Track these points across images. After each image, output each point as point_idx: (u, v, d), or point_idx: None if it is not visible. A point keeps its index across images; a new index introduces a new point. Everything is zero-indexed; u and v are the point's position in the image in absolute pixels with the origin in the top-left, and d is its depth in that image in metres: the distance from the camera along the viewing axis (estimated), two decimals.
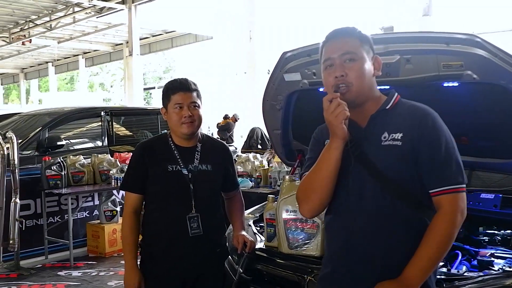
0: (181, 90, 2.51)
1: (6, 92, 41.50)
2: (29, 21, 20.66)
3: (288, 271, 2.51)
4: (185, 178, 2.52)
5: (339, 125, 1.78)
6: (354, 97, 1.83)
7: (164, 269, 2.53)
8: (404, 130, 1.80)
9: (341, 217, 1.91)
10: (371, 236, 1.82)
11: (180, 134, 2.55)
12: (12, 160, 5.34)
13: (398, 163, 1.79)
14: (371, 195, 1.81)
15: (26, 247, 5.78)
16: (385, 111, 1.87)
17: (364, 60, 1.85)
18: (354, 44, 1.86)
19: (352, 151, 1.82)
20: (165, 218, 2.53)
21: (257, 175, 5.94)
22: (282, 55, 2.92)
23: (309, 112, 3.31)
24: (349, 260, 1.89)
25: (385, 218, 1.80)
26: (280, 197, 2.59)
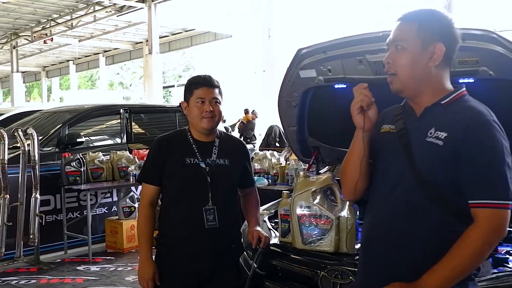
0: (204, 85, 2.56)
1: (28, 90, 42.11)
2: (51, 19, 20.94)
3: (302, 266, 2.53)
4: (203, 171, 2.54)
5: (355, 115, 1.80)
6: (400, 87, 1.77)
7: (179, 262, 2.55)
8: (450, 130, 1.67)
9: (373, 206, 1.89)
10: (393, 232, 1.76)
11: (200, 129, 2.58)
12: (33, 156, 5.43)
13: (436, 163, 1.68)
14: (404, 189, 1.74)
15: (46, 242, 5.87)
16: (440, 106, 1.75)
17: (415, 49, 1.73)
18: (409, 30, 1.75)
19: (400, 140, 1.78)
20: (181, 210, 2.55)
21: (274, 172, 5.95)
22: (297, 52, 2.93)
23: (325, 109, 3.34)
24: (366, 254, 1.88)
25: (412, 217, 1.72)
26: (294, 193, 2.60)
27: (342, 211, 2.51)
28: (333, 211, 2.52)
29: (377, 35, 2.64)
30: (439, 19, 1.76)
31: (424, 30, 1.73)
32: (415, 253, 1.71)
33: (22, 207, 5.38)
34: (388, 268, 1.77)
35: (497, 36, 2.24)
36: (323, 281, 2.36)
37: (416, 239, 1.72)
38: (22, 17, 20.85)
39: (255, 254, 2.75)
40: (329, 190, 2.59)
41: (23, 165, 5.43)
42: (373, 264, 1.84)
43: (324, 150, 3.45)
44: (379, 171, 1.86)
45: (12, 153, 5.54)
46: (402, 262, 1.74)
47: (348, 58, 2.78)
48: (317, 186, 2.56)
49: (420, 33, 1.73)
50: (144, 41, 24.08)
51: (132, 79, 39.92)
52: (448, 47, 1.74)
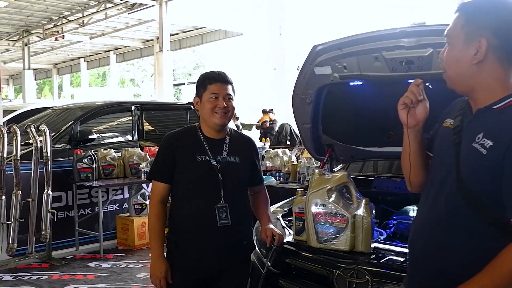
0: (218, 81, 2.54)
1: (39, 87, 42.35)
2: (62, 17, 21.03)
3: (316, 265, 2.51)
4: (214, 168, 2.52)
5: (398, 110, 1.78)
6: (450, 84, 1.70)
7: (191, 259, 2.53)
8: (496, 139, 1.54)
9: (422, 205, 1.83)
10: (431, 235, 1.70)
11: (212, 124, 2.55)
12: (45, 152, 5.44)
13: (477, 171, 1.58)
14: (447, 193, 1.65)
15: (57, 238, 5.88)
16: (491, 110, 1.61)
17: (458, 45, 1.63)
18: (456, 24, 1.64)
19: (454, 137, 1.69)
20: (193, 207, 2.53)
21: (286, 170, 5.93)
22: (312, 48, 2.89)
23: (340, 106, 3.31)
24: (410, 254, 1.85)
25: (451, 222, 1.63)
26: (310, 191, 2.58)
27: (357, 210, 2.48)
28: (348, 210, 2.49)
29: (394, 32, 2.61)
30: (493, 10, 1.60)
31: (470, 24, 1.61)
32: (451, 261, 1.63)
33: (34, 203, 5.39)
34: (427, 271, 1.72)
35: None
36: (338, 280, 2.33)
37: (453, 247, 1.64)
38: (34, 15, 20.95)
39: (269, 252, 2.74)
40: (345, 188, 2.57)
41: (36, 161, 5.44)
42: (415, 265, 1.80)
43: (338, 148, 3.42)
44: (433, 167, 1.80)
45: (24, 150, 5.56)
46: (438, 268, 1.67)
47: (364, 55, 2.75)
48: (332, 184, 2.54)
49: (464, 28, 1.62)
50: (155, 38, 24.14)
51: (143, 77, 40.03)
52: (503, 40, 1.58)
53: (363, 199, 2.51)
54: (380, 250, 2.49)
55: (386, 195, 3.25)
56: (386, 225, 3.04)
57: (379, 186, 3.36)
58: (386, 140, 3.17)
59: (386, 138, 3.15)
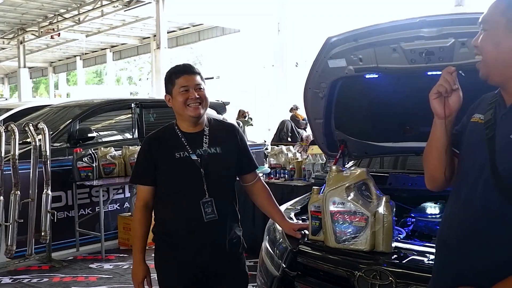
0: (185, 72, 2.49)
1: (35, 86, 42.10)
2: (58, 14, 20.87)
3: (336, 266, 2.39)
4: (195, 163, 2.46)
5: (431, 99, 1.68)
6: (485, 72, 1.62)
7: (183, 256, 2.48)
8: None
9: (452, 204, 1.74)
10: (467, 235, 1.60)
11: (187, 117, 2.48)
12: (44, 151, 5.31)
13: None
14: (483, 189, 1.58)
15: (57, 239, 5.78)
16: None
17: (497, 30, 1.57)
18: (496, 10, 1.59)
19: (486, 132, 1.62)
20: (178, 205, 2.48)
21: (291, 167, 5.80)
22: (326, 40, 2.77)
23: (353, 100, 3.19)
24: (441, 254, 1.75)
25: (490, 220, 1.55)
26: (327, 189, 2.46)
27: (378, 208, 2.36)
28: (368, 208, 2.37)
29: (413, 21, 2.50)
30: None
31: (511, 9, 1.55)
32: (494, 259, 1.54)
33: (33, 204, 5.27)
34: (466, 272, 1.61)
35: None
36: (360, 282, 2.22)
37: (492, 245, 1.55)
38: (29, 12, 20.78)
39: (283, 254, 2.62)
40: (364, 185, 2.44)
41: (34, 160, 5.31)
42: (449, 267, 1.68)
43: (351, 143, 3.30)
44: (462, 164, 1.72)
45: (22, 149, 5.43)
46: (477, 268, 1.57)
47: (381, 46, 2.63)
48: (351, 181, 2.41)
49: (506, 13, 1.56)
50: (152, 36, 24.00)
51: (140, 75, 39.85)
52: None
53: (384, 196, 2.39)
54: (401, 250, 2.37)
55: (401, 192, 3.13)
56: (404, 223, 2.93)
57: (394, 182, 3.23)
58: (402, 135, 3.06)
59: (402, 132, 3.04)
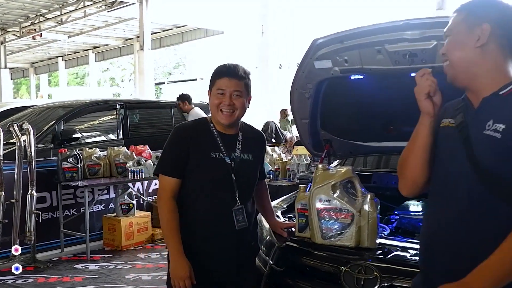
0: (227, 75, 2.35)
1: (16, 87, 41.61)
2: (40, 15, 20.68)
3: (322, 262, 2.45)
4: (228, 167, 2.36)
5: (422, 100, 1.75)
6: (452, 73, 1.73)
7: (206, 262, 2.38)
8: (508, 121, 1.58)
9: (434, 203, 1.81)
10: (456, 230, 1.67)
11: (218, 122, 2.40)
12: (29, 152, 5.30)
13: (495, 157, 1.59)
14: (466, 185, 1.65)
15: (42, 240, 5.75)
16: (498, 96, 1.65)
17: (458, 34, 1.71)
18: (456, 19, 1.73)
19: (460, 134, 1.71)
20: (208, 209, 2.37)
21: (276, 167, 5.88)
22: (313, 42, 2.84)
23: (339, 101, 3.26)
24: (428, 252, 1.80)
25: (477, 214, 1.63)
26: (314, 186, 2.53)
27: (363, 205, 2.44)
28: (353, 205, 2.45)
29: (397, 24, 2.58)
30: (493, 4, 1.71)
31: (471, 16, 1.70)
32: (482, 252, 1.59)
33: (18, 204, 5.24)
34: (451, 268, 1.68)
35: None
36: (346, 277, 2.28)
37: (483, 238, 1.62)
38: (10, 12, 20.56)
39: (271, 250, 2.68)
40: (349, 183, 2.52)
41: (19, 161, 5.29)
42: (435, 263, 1.75)
43: (336, 143, 3.38)
44: (440, 167, 1.78)
45: (7, 149, 5.41)
46: (467, 263, 1.62)
47: (366, 48, 2.70)
48: (337, 179, 2.49)
49: (466, 19, 1.71)
50: (135, 37, 23.89)
51: (122, 76, 39.62)
52: (503, 29, 1.67)
53: (368, 194, 2.47)
54: (385, 246, 2.45)
55: (385, 190, 3.21)
56: (388, 221, 3.01)
57: (378, 181, 3.32)
58: (386, 135, 3.14)
59: (386, 132, 3.12)
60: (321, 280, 2.42)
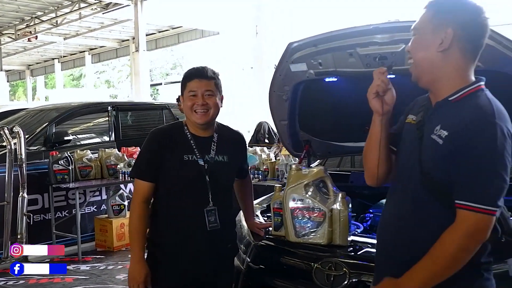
0: (196, 76, 2.42)
1: (12, 89, 41.63)
2: (35, 17, 20.68)
3: (295, 259, 2.53)
4: (201, 169, 2.42)
5: (370, 99, 1.83)
6: (416, 73, 1.78)
7: (179, 264, 2.44)
8: (451, 130, 1.64)
9: (388, 198, 1.92)
10: (401, 226, 1.77)
11: (193, 123, 2.46)
12: (20, 154, 5.37)
13: (436, 161, 1.67)
14: (414, 187, 1.74)
15: (34, 242, 5.77)
16: (449, 102, 1.72)
17: (424, 34, 1.73)
18: (425, 18, 1.75)
19: (417, 132, 1.78)
20: (181, 210, 2.43)
21: (264, 168, 5.96)
22: (288, 46, 2.91)
23: (316, 102, 3.34)
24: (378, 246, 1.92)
25: (419, 213, 1.72)
26: (287, 186, 2.60)
27: (334, 204, 2.52)
28: (326, 204, 2.52)
29: (368, 28, 2.64)
30: (460, 7, 1.72)
31: (438, 17, 1.71)
32: (421, 250, 1.68)
33: (9, 207, 5.32)
34: (395, 262, 1.78)
35: None
36: (317, 273, 2.36)
37: (422, 236, 1.70)
38: (5, 15, 20.55)
39: (248, 249, 2.75)
40: (322, 182, 2.60)
41: (10, 164, 5.37)
42: (383, 257, 1.86)
43: (315, 143, 3.45)
44: (399, 161, 1.88)
45: None
46: (408, 258, 1.72)
47: (339, 51, 2.77)
48: (309, 179, 2.57)
49: (433, 20, 1.72)
50: (131, 38, 23.88)
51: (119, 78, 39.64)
52: (465, 35, 1.70)
53: (340, 193, 2.54)
54: (357, 243, 2.53)
55: (362, 189, 3.29)
56: (363, 219, 3.09)
57: (356, 180, 3.40)
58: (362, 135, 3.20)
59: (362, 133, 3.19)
60: (295, 277, 2.50)
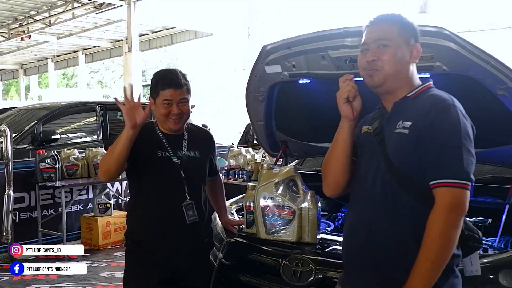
0: (171, 86, 2.45)
1: (5, 89, 41.51)
2: (28, 16, 20.65)
3: (265, 256, 2.60)
4: (175, 165, 2.51)
5: (341, 104, 1.91)
6: (382, 80, 1.86)
7: (157, 258, 2.50)
8: (414, 118, 1.77)
9: (354, 202, 1.96)
10: (372, 225, 1.82)
11: (167, 129, 2.54)
12: (6, 153, 5.41)
13: (403, 152, 1.77)
14: (381, 183, 1.81)
15: (20, 240, 5.81)
16: (407, 99, 1.86)
17: (398, 47, 1.85)
18: (391, 30, 1.87)
19: (376, 137, 1.88)
20: (159, 206, 2.50)
21: (249, 168, 6.02)
22: (263, 48, 2.98)
23: (291, 104, 3.41)
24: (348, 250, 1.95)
25: (391, 208, 1.78)
26: (258, 185, 2.67)
27: (304, 202, 2.59)
28: (295, 202, 2.59)
29: (339, 32, 2.70)
30: (410, 22, 1.92)
31: (404, 31, 1.88)
32: (396, 245, 1.76)
33: None
34: (369, 263, 1.83)
35: (450, 33, 2.33)
36: (284, 270, 2.43)
37: (395, 231, 1.77)
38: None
39: (221, 245, 2.82)
40: (292, 181, 2.66)
41: None
42: (355, 260, 1.90)
43: (292, 144, 3.52)
44: (360, 169, 1.94)
45: None
46: (383, 257, 1.79)
47: (312, 53, 2.84)
48: (280, 177, 2.63)
49: (401, 33, 1.87)
50: (124, 39, 23.79)
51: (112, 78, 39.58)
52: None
53: (309, 191, 2.61)
54: (325, 241, 2.61)
55: None
56: (335, 217, 3.16)
57: None
58: None
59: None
60: (265, 273, 2.57)
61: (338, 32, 2.69)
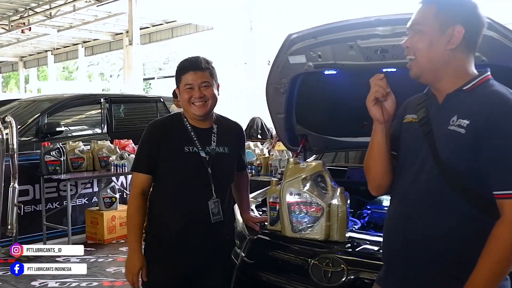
0: (191, 69, 2.37)
1: (5, 81, 41.32)
2: (29, 8, 20.50)
3: (292, 254, 2.49)
4: (203, 161, 2.38)
5: (370, 107, 1.77)
6: (419, 72, 1.72)
7: (178, 255, 2.41)
8: (472, 117, 1.60)
9: (395, 198, 1.85)
10: (416, 222, 1.71)
11: (192, 116, 2.41)
12: (11, 144, 5.29)
13: (458, 152, 1.62)
14: (426, 179, 1.68)
15: (24, 233, 5.74)
16: (462, 91, 1.68)
17: (432, 32, 1.68)
18: (427, 13, 1.69)
19: (422, 129, 1.73)
20: (183, 203, 2.40)
21: (258, 163, 5.92)
22: (287, 37, 2.86)
23: (313, 96, 3.30)
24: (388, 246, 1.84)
25: (435, 208, 1.66)
26: (284, 180, 2.55)
27: (333, 199, 2.47)
28: (323, 199, 2.48)
29: (369, 20, 2.60)
30: (460, 1, 1.71)
31: (443, 13, 1.68)
32: (438, 245, 1.65)
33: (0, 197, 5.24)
34: (409, 262, 1.73)
35: (491, 21, 2.20)
36: (313, 269, 2.32)
37: (439, 231, 1.66)
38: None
39: (243, 243, 2.71)
40: (320, 177, 2.55)
41: (1, 153, 5.28)
42: (395, 257, 1.79)
43: (312, 138, 3.41)
44: (403, 162, 1.82)
45: None
46: (423, 256, 1.68)
47: (339, 43, 2.74)
48: (307, 173, 2.52)
49: (438, 16, 1.68)
50: (124, 32, 23.72)
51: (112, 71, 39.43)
52: (469, 30, 1.67)
53: (338, 188, 2.50)
54: (354, 239, 2.49)
55: (359, 185, 3.24)
56: (360, 215, 3.05)
57: (352, 176, 3.36)
58: (360, 130, 3.17)
59: (360, 128, 3.15)
60: (291, 273, 2.46)
61: (369, 21, 2.59)
